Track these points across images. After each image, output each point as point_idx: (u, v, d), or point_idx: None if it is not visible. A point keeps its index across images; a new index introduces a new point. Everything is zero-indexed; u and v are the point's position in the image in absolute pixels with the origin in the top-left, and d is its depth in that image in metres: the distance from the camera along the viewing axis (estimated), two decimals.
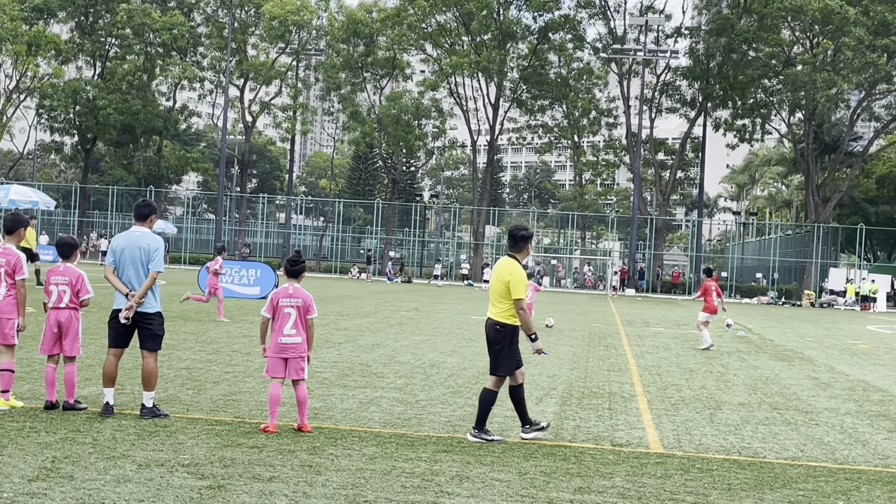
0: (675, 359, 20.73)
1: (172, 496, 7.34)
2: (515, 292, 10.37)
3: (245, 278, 33.25)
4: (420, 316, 30.05)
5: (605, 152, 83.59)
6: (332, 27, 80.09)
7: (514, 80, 78.98)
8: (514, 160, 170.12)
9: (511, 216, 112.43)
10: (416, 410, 11.98)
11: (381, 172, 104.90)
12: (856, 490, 8.99)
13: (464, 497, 7.83)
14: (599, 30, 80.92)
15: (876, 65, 68.88)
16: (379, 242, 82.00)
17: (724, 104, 76.28)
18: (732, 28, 70.91)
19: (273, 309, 10.21)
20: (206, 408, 11.30)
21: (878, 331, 37.69)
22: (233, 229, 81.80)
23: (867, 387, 17.57)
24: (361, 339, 20.85)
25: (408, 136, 78.91)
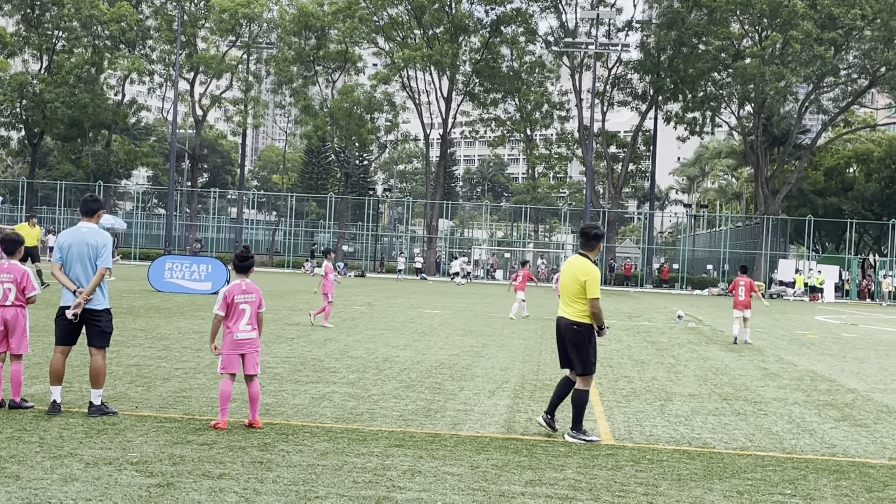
0: (626, 351, 20.85)
1: (121, 495, 7.27)
2: (591, 292, 10.52)
3: (196, 274, 32.97)
4: (373, 310, 30.00)
5: (558, 145, 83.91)
6: (283, 20, 79.58)
7: (466, 73, 79.00)
8: (467, 153, 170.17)
9: (464, 210, 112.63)
10: (368, 405, 11.95)
11: (333, 166, 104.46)
12: (803, 479, 9.09)
13: (415, 491, 7.83)
14: (551, 23, 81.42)
15: (823, 58, 69.74)
16: (332, 237, 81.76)
17: (674, 97, 76.88)
18: (683, 22, 71.47)
19: (227, 306, 10.13)
20: (155, 405, 11.20)
21: (826, 321, 38.19)
22: (184, 224, 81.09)
23: (815, 377, 17.77)
24: (314, 335, 20.77)
25: (360, 130, 78.69)
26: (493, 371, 15.98)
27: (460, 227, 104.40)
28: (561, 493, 8.02)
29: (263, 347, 17.13)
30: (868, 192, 77.54)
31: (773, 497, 8.32)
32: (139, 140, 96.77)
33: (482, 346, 20.03)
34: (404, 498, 7.61)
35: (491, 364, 16.93)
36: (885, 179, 77.28)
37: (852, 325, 35.93)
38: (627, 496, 8.07)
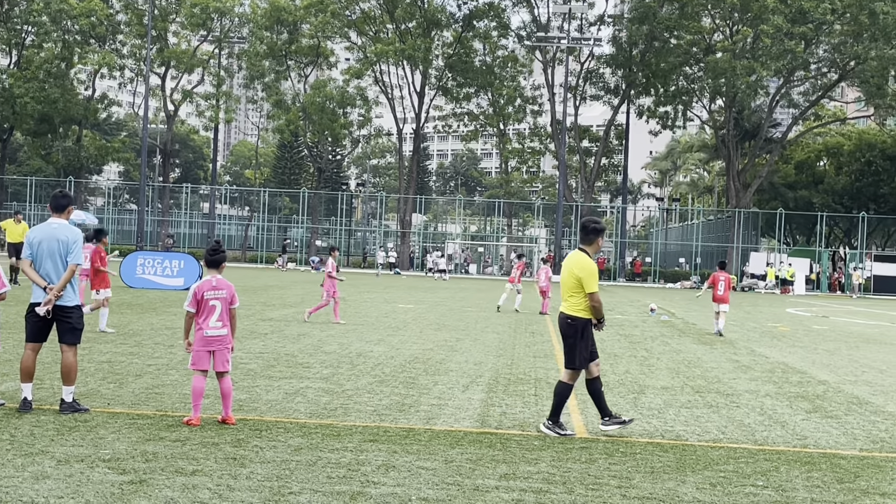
0: (599, 344, 20.74)
1: (93, 492, 7.22)
2: (588, 286, 10.42)
3: (168, 269, 32.83)
4: (346, 305, 29.92)
5: (531, 140, 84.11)
6: (254, 14, 79.27)
7: (439, 67, 78.98)
8: (440, 148, 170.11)
9: (438, 204, 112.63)
10: (342, 400, 11.92)
11: (306, 161, 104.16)
12: (775, 471, 9.15)
13: (390, 486, 7.82)
14: (523, 17, 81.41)
15: (794, 52, 70.10)
16: (305, 232, 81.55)
17: (646, 91, 77.09)
18: (654, 16, 71.67)
19: (197, 302, 10.08)
20: (127, 401, 11.14)
21: (797, 313, 38.43)
22: (155, 220, 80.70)
23: (786, 369, 17.89)
24: (287, 330, 20.72)
25: (333, 125, 78.52)
26: (466, 365, 15.98)
27: (434, 222, 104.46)
28: (535, 487, 8.04)
29: (237, 343, 17.07)
30: (838, 185, 78.02)
31: (746, 489, 8.37)
32: (110, 135, 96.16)
33: (456, 341, 20.03)
34: (378, 493, 7.61)
35: (465, 358, 16.94)
36: (855, 173, 77.79)
37: (823, 318, 36.18)
38: (601, 489, 8.09)
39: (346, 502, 7.31)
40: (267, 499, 7.29)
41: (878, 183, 76.64)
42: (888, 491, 8.56)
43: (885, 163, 76.56)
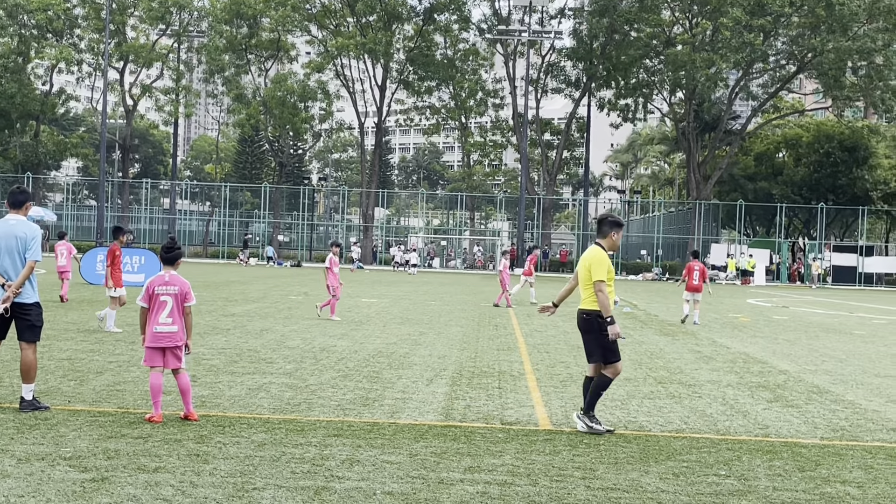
0: (563, 336, 20.97)
1: (54, 490, 7.15)
2: (596, 274, 10.29)
3: (129, 265, 32.48)
4: (309, 300, 29.87)
5: (493, 133, 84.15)
6: (214, 8, 78.74)
7: (400, 61, 78.82)
8: (402, 142, 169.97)
9: (400, 198, 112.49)
10: (305, 395, 11.89)
11: (267, 156, 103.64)
12: (737, 460, 9.23)
13: (354, 481, 7.80)
14: (484, 11, 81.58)
15: (752, 44, 70.62)
16: (267, 227, 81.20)
17: (607, 84, 77.38)
18: (614, 9, 71.91)
19: (149, 297, 9.98)
20: (88, 399, 11.04)
21: (757, 304, 38.76)
22: (115, 216, 79.94)
23: (748, 359, 18.04)
24: (250, 325, 20.63)
25: (294, 119, 78.18)
26: (430, 359, 15.99)
27: (396, 216, 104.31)
28: (500, 479, 8.05)
29: (199, 339, 17.02)
30: (797, 176, 78.71)
31: (708, 478, 8.43)
32: (68, 131, 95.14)
33: (420, 335, 20.03)
34: (343, 488, 7.59)
35: (428, 352, 16.95)
36: (814, 164, 78.49)
37: (783, 308, 36.51)
38: (565, 480, 8.12)
39: (310, 497, 7.28)
40: (231, 495, 7.25)
41: (836, 174, 77.37)
42: (848, 479, 8.66)
43: (843, 154, 77.30)
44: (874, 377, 16.03)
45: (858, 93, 75.69)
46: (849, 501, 7.88)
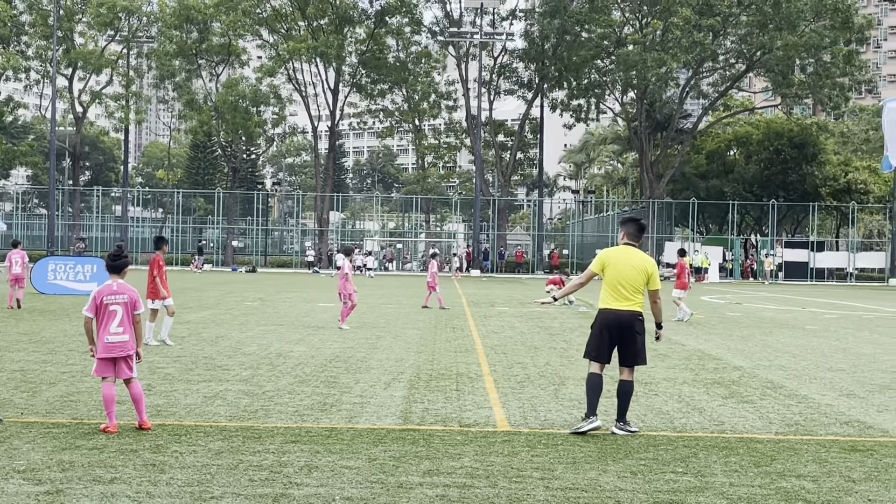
0: (520, 337, 21.03)
1: None
2: (657, 283, 10.30)
3: (81, 274, 32.25)
4: (265, 305, 29.72)
5: (446, 135, 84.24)
6: (163, 13, 78.08)
7: (352, 64, 78.67)
8: (356, 145, 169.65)
9: (355, 201, 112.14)
10: (262, 402, 11.82)
11: (220, 161, 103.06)
12: (694, 457, 9.29)
13: (313, 487, 7.77)
14: (436, 13, 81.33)
15: (702, 44, 71.27)
16: (221, 232, 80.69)
17: (559, 85, 77.72)
18: (565, 10, 72.22)
19: (97, 308, 9.86)
20: (41, 410, 10.90)
21: (711, 301, 39.07)
22: (66, 224, 79.08)
23: (702, 356, 18.18)
24: (205, 332, 20.48)
25: (247, 124, 77.77)
26: (388, 362, 15.97)
27: (351, 220, 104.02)
28: (459, 482, 8.05)
29: (153, 347, 16.86)
30: (748, 174, 79.46)
31: (666, 475, 8.48)
32: (17, 139, 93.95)
33: (376, 338, 19.99)
34: (302, 494, 7.56)
35: (386, 356, 16.92)
36: (764, 161, 79.29)
37: (736, 304, 36.86)
38: (524, 481, 8.14)
39: None
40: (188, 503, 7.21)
41: (786, 171, 78.24)
42: (804, 473, 8.75)
43: (793, 151, 78.19)
44: (827, 371, 16.21)
45: (806, 90, 76.61)
46: (804, 496, 7.96)
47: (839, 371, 16.29)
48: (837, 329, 25.42)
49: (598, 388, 10.29)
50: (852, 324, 27.56)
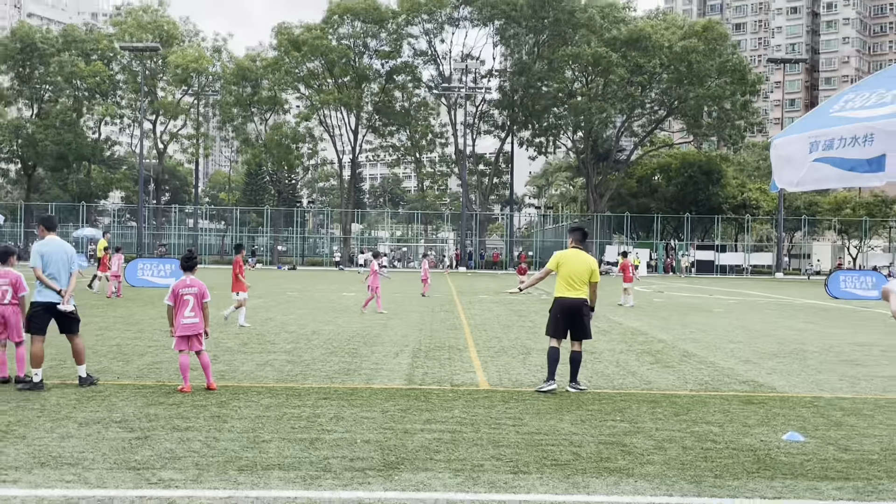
0: (496, 318, 21.05)
1: (108, 447, 7.05)
2: (597, 277, 10.28)
3: (162, 271, 32.19)
4: (303, 295, 29.68)
5: (440, 165, 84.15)
6: (224, 73, 78.04)
7: (368, 111, 78.58)
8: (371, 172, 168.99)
9: (370, 215, 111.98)
10: (301, 368, 11.81)
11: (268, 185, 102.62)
12: (628, 408, 9.31)
13: (340, 433, 7.77)
14: (432, 72, 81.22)
15: (633, 96, 71.49)
16: (269, 239, 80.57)
17: (525, 126, 77.75)
18: (529, 70, 72.28)
19: (175, 297, 9.84)
20: (133, 375, 10.89)
21: (641, 290, 39.14)
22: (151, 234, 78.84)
23: (635, 332, 18.21)
24: (257, 315, 20.46)
25: (288, 157, 77.72)
26: (396, 338, 15.96)
27: (368, 229, 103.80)
28: (451, 428, 8.06)
29: (216, 327, 16.84)
30: (668, 193, 79.57)
31: (608, 423, 8.50)
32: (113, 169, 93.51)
33: (387, 320, 19.98)
34: (331, 438, 7.55)
35: (395, 333, 16.91)
36: (680, 184, 79.37)
37: (660, 293, 36.93)
38: (500, 427, 8.15)
39: (306, 446, 7.24)
40: (245, 446, 7.19)
41: (697, 191, 78.36)
42: (712, 420, 8.78)
43: (702, 176, 78.33)
44: (728, 343, 16.26)
45: (712, 130, 76.87)
46: (712, 437, 7.98)
47: (738, 343, 16.34)
48: (737, 311, 25.50)
49: (556, 358, 10.27)
50: (748, 307, 27.65)
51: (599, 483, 6.34)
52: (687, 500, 5.98)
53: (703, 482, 6.45)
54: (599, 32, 70.64)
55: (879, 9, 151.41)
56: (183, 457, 6.80)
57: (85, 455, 6.79)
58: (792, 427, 8.45)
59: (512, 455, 7.10)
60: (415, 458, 6.91)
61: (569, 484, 6.30)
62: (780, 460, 7.18)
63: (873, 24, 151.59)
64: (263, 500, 5.75)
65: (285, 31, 74.92)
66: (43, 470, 6.35)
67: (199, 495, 5.80)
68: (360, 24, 75.19)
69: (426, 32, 77.07)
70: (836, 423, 8.78)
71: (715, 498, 6.07)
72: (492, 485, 6.22)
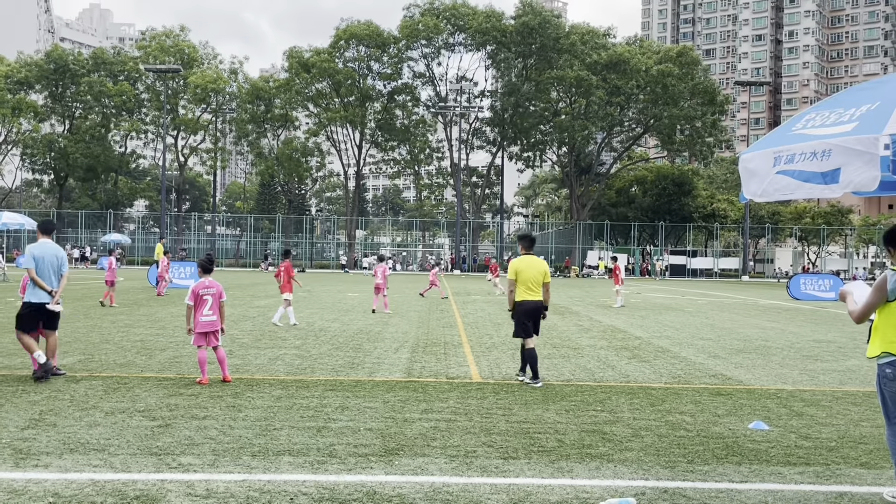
0: (488, 316, 21.02)
1: (132, 434, 7.01)
2: (548, 279, 10.25)
3: (183, 274, 32.09)
4: (311, 295, 29.61)
5: (437, 177, 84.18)
6: (240, 92, 78.06)
7: (372, 128, 78.60)
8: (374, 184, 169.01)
9: (373, 223, 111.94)
10: (309, 362, 11.78)
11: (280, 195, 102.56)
12: (608, 399, 9.29)
13: (345, 421, 7.74)
14: (429, 93, 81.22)
15: (612, 115, 71.64)
16: (280, 244, 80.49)
17: (514, 142, 77.82)
18: (518, 91, 72.41)
19: (195, 297, 9.80)
20: (155, 368, 10.84)
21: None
22: (173, 239, 78.67)
23: (614, 330, 18.19)
24: (269, 313, 20.37)
25: (298, 169, 77.74)
26: (397, 334, 15.92)
27: (371, 235, 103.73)
28: (446, 417, 8.04)
29: (232, 324, 16.80)
30: (645, 203, 79.69)
31: (589, 413, 8.48)
32: (138, 179, 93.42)
33: (388, 318, 19.94)
34: (337, 426, 7.52)
35: (395, 330, 16.88)
36: (655, 195, 79.51)
37: (637, 294, 36.91)
38: (491, 417, 8.12)
39: (314, 434, 7.21)
40: (258, 433, 7.16)
41: (670, 201, 78.48)
42: (685, 410, 8.76)
43: (675, 188, 78.47)
44: (699, 340, 16.25)
45: (684, 147, 76.96)
46: (685, 426, 7.97)
47: (707, 340, 16.33)
48: (706, 311, 25.50)
49: (535, 357, 10.24)
50: (716, 307, 27.65)
51: (582, 468, 6.32)
52: (662, 484, 5.97)
53: (676, 467, 6.44)
54: (581, 57, 70.78)
55: (836, 37, 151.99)
56: (201, 443, 6.77)
57: (111, 442, 6.76)
58: (757, 416, 8.44)
59: (502, 442, 7.08)
60: (413, 445, 6.89)
61: (554, 469, 6.28)
62: (747, 447, 7.18)
63: (831, 50, 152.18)
64: (274, 483, 5.72)
65: (296, 54, 74.94)
66: (72, 455, 6.32)
67: (215, 479, 5.77)
68: (364, 49, 75.26)
69: (424, 56, 77.15)
70: (798, 413, 8.78)
71: (687, 482, 6.05)
72: (484, 469, 6.20)
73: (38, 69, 76.30)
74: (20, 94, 75.90)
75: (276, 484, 5.69)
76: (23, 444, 6.61)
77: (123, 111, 78.35)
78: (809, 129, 4.82)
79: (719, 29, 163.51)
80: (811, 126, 4.87)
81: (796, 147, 4.75)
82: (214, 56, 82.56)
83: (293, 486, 5.67)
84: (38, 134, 77.77)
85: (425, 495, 5.52)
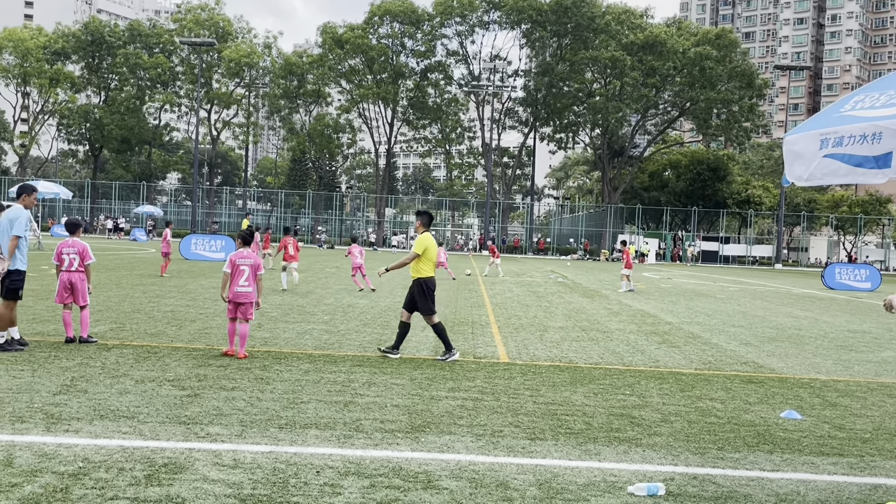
0: (516, 298, 20.95)
1: (161, 403, 7.08)
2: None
3: (214, 246, 32.36)
4: (339, 272, 29.73)
5: (467, 157, 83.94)
6: (273, 67, 78.30)
7: (403, 106, 78.47)
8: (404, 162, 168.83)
9: (403, 201, 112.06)
10: (337, 337, 11.81)
11: (311, 171, 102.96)
12: (637, 383, 9.21)
13: (372, 397, 7.75)
14: (462, 71, 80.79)
15: (647, 97, 70.67)
16: (310, 221, 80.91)
17: (547, 123, 77.27)
18: (552, 71, 71.75)
19: (232, 266, 9.84)
20: (185, 339, 10.94)
21: (650, 276, 38.82)
22: (204, 212, 79.46)
23: (644, 314, 18.04)
24: (298, 289, 20.51)
25: (329, 146, 77.95)
26: None
27: (400, 214, 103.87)
28: (473, 396, 8.01)
29: (262, 299, 16.89)
30: (678, 188, 78.82)
31: (618, 396, 8.41)
32: (171, 152, 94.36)
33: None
34: (364, 401, 7.53)
35: None
36: (689, 179, 78.59)
37: (668, 279, 36.60)
38: (519, 397, 8.09)
39: (341, 408, 7.22)
40: (285, 406, 7.19)
41: (704, 187, 77.54)
42: (715, 397, 8.66)
43: (710, 173, 77.46)
44: (731, 327, 16.06)
45: (720, 131, 75.86)
46: (715, 412, 7.87)
47: (739, 327, 16.13)
48: (738, 298, 25.21)
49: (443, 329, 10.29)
50: (749, 294, 27.32)
51: (610, 451, 6.26)
52: (691, 470, 5.89)
53: (706, 454, 6.36)
54: (617, 37, 69.88)
55: (881, 21, 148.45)
56: (229, 414, 6.81)
57: (140, 409, 6.83)
58: (790, 405, 8.31)
59: (529, 423, 7.04)
60: (440, 423, 6.87)
61: (581, 451, 6.23)
62: (779, 436, 7.06)
63: (874, 35, 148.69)
64: (301, 455, 5.73)
65: (330, 30, 74.87)
66: (102, 422, 6.39)
67: (242, 449, 5.80)
68: (398, 26, 74.96)
69: (458, 34, 76.70)
70: (832, 403, 8.63)
71: (717, 468, 5.97)
72: (510, 449, 6.17)
73: (76, 40, 77.10)
74: (57, 64, 76.82)
75: (302, 456, 5.70)
76: (54, 409, 6.70)
77: (158, 84, 79.00)
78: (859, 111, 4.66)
79: (760, 11, 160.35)
80: (861, 108, 4.71)
81: (844, 129, 4.60)
82: (249, 30, 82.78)
83: (319, 459, 5.67)
84: (74, 104, 78.85)
85: (451, 472, 5.50)
